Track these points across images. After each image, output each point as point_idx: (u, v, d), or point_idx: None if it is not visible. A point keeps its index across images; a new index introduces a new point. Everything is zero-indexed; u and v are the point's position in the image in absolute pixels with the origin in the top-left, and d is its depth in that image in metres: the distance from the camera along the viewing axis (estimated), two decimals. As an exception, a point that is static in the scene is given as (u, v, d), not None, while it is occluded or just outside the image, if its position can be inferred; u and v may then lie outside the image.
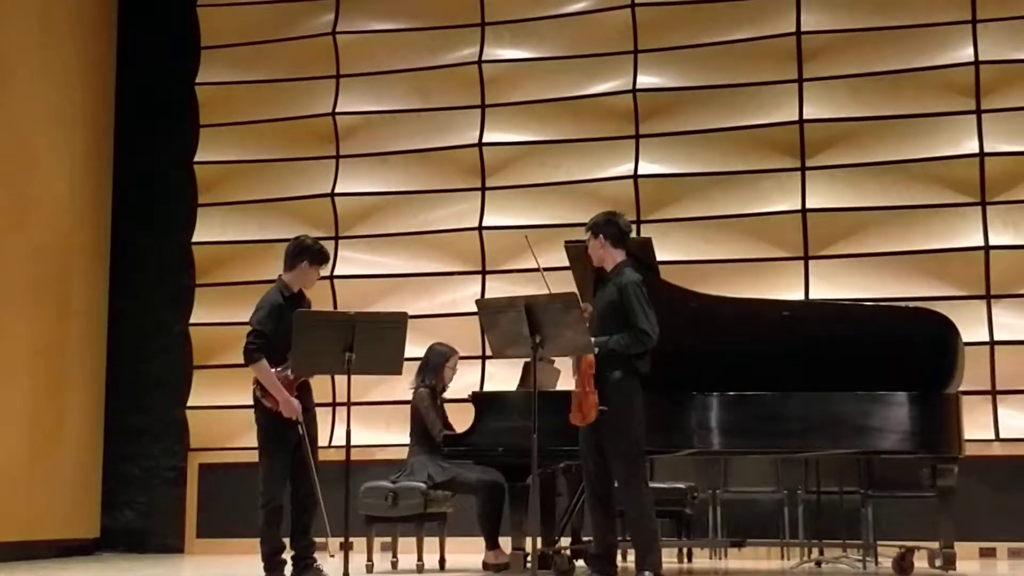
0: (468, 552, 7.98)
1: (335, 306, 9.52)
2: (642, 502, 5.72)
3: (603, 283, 5.94)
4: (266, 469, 6.03)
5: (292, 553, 6.10)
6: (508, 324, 5.69)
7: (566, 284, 6.88)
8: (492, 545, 7.15)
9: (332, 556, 6.16)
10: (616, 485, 5.78)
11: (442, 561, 7.52)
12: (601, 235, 5.93)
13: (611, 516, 5.91)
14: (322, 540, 6.29)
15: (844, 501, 7.46)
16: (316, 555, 6.19)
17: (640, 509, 5.70)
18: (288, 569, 6.09)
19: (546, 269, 8.99)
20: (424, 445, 7.34)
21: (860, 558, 7.39)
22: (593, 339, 5.64)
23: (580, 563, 6.78)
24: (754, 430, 6.54)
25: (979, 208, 8.96)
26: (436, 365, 7.50)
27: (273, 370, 5.98)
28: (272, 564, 6.02)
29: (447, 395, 7.62)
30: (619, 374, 5.68)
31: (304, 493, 6.03)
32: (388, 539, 7.66)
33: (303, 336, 5.64)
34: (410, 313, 6.25)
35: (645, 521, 5.73)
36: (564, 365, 7.41)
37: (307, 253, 6.21)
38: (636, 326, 5.69)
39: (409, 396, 7.58)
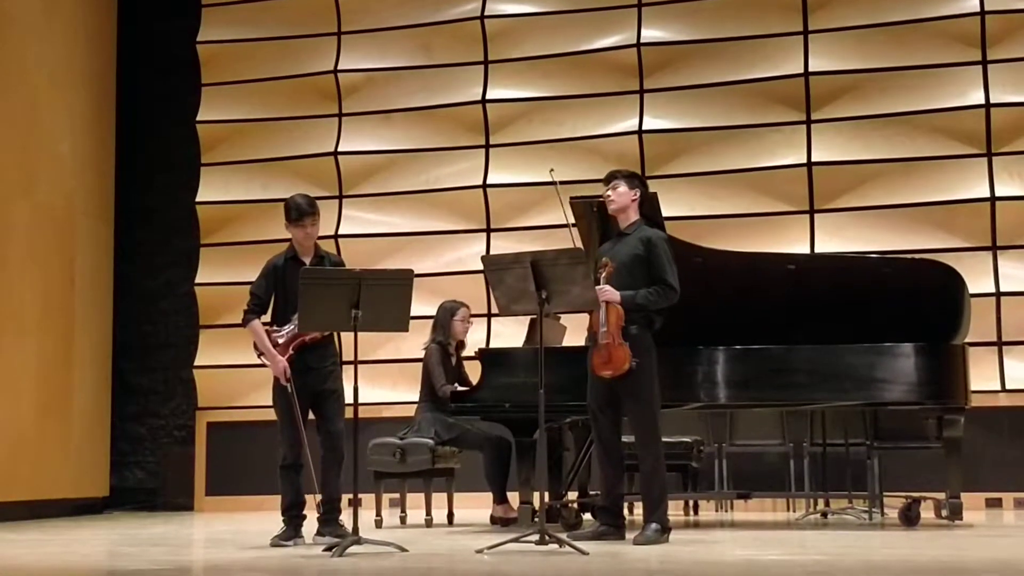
0: (476, 507, 8.03)
1: (340, 264, 9.51)
2: (659, 455, 5.76)
3: (618, 236, 5.89)
4: (278, 429, 6.09)
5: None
6: (514, 280, 5.66)
7: (569, 241, 6.89)
8: (500, 500, 7.20)
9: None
10: (635, 438, 5.78)
11: (450, 516, 7.56)
12: (636, 187, 5.89)
13: (620, 469, 5.93)
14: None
15: (850, 453, 7.47)
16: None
17: (656, 462, 5.73)
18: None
19: (550, 227, 9.00)
20: (430, 401, 7.36)
21: (866, 509, 7.43)
22: (620, 292, 5.64)
23: (587, 516, 6.82)
24: (760, 383, 6.55)
25: (985, 159, 8.93)
26: (444, 321, 7.52)
27: (283, 330, 6.02)
28: (286, 519, 6.06)
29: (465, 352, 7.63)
30: (635, 329, 5.68)
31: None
32: (396, 495, 7.70)
33: (309, 293, 5.64)
34: (415, 272, 6.24)
35: (660, 474, 5.76)
36: (571, 322, 7.43)
37: (284, 214, 6.17)
38: (666, 281, 5.70)
39: (418, 354, 7.60)
